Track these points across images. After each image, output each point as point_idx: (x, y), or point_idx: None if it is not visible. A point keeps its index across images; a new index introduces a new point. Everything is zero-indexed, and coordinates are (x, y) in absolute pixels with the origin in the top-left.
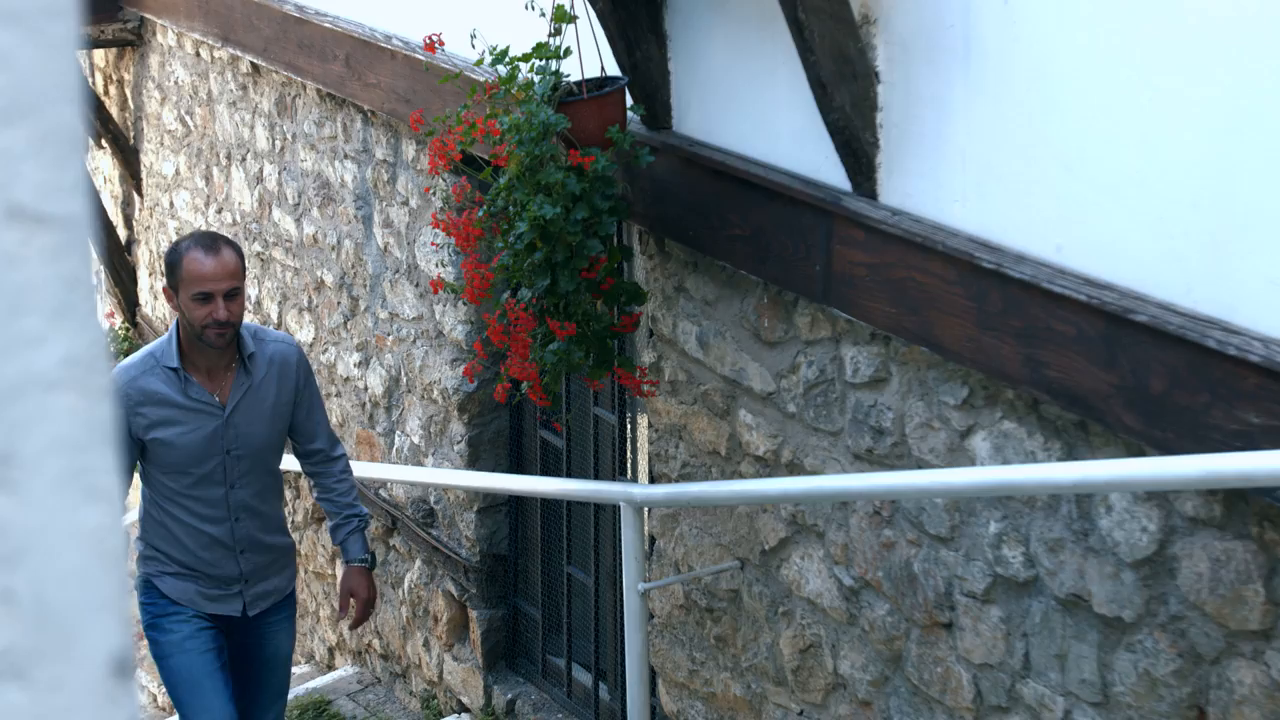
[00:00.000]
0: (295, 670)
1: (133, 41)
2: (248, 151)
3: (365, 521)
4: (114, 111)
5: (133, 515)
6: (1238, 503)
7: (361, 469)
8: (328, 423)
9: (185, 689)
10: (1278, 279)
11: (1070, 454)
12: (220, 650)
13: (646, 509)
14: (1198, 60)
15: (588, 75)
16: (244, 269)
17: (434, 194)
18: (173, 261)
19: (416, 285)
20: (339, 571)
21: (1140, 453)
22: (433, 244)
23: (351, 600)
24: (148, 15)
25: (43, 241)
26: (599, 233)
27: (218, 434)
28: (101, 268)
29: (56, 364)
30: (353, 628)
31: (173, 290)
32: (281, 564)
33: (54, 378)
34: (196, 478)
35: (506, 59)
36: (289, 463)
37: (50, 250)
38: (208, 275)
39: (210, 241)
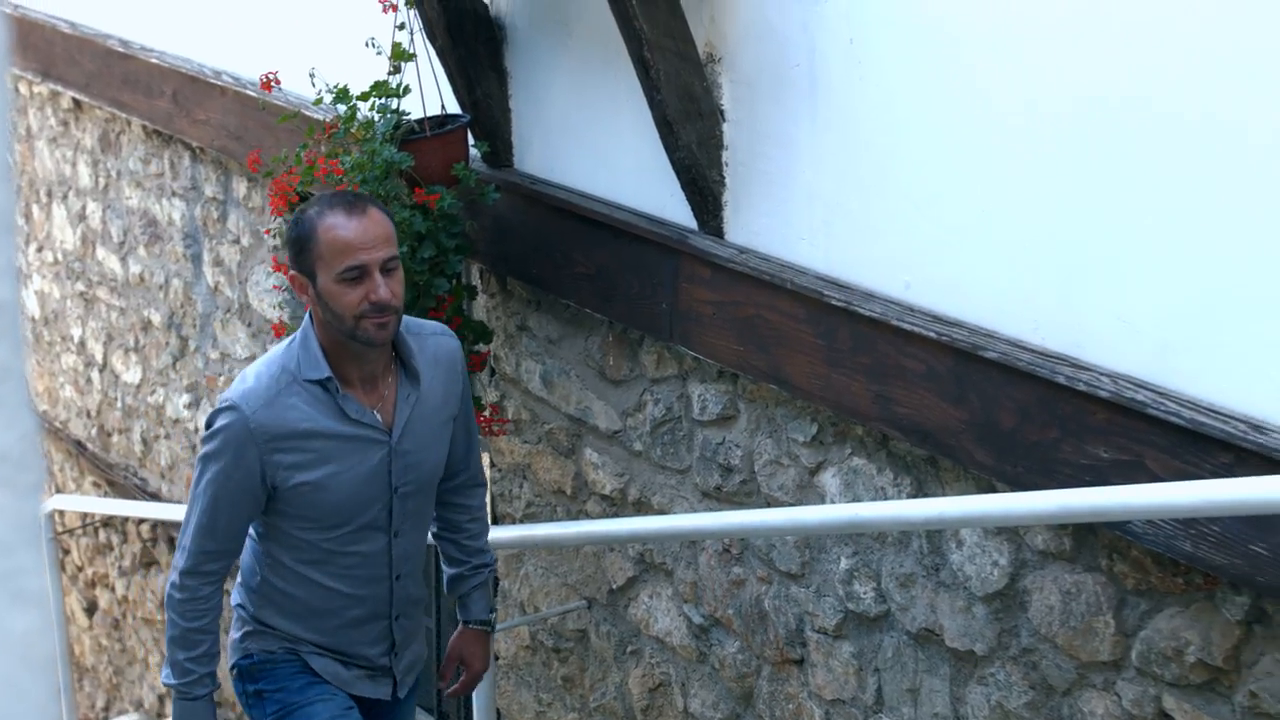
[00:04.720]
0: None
1: None
2: (69, 189)
3: (494, 572)
4: None
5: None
6: (1087, 536)
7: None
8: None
9: None
10: (1125, 316)
11: (920, 490)
12: None
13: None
14: (1044, 100)
15: (429, 114)
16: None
17: (273, 235)
18: (303, 234)
19: (249, 325)
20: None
21: (991, 488)
22: (275, 286)
23: (460, 668)
24: None
25: None
26: (445, 271)
27: (382, 467)
28: None
29: None
30: (452, 694)
31: (305, 274)
32: (419, 622)
33: None
34: (354, 528)
35: (347, 97)
36: None
37: None
38: (356, 243)
39: (351, 200)
